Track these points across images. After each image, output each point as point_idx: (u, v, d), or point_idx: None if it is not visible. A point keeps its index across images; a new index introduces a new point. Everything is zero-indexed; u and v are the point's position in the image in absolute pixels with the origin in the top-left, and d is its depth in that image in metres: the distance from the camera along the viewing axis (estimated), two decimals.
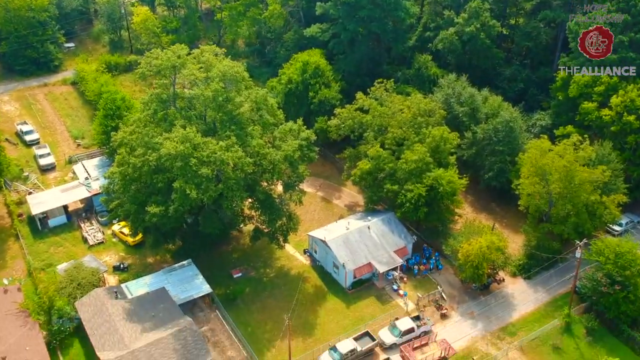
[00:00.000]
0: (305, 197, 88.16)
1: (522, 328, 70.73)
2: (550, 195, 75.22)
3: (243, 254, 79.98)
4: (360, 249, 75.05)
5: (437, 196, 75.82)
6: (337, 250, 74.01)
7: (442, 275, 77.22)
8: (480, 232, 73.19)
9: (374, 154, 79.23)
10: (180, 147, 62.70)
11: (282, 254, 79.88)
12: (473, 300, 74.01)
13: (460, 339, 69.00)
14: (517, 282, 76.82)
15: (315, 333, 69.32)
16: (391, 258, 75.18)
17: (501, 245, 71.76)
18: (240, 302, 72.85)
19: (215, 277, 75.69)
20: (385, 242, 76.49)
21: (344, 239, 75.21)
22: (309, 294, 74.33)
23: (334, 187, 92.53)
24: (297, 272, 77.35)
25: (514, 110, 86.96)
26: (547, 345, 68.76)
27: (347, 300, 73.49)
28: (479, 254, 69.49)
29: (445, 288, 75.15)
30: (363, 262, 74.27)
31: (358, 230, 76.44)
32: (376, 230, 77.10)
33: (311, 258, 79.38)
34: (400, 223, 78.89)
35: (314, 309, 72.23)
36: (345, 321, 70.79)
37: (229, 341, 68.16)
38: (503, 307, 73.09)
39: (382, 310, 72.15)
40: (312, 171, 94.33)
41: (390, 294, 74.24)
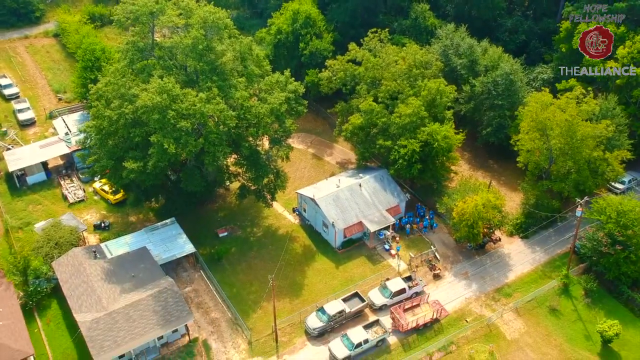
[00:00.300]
0: (296, 154, 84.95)
1: (518, 289, 68.09)
2: (550, 151, 71.66)
3: (230, 212, 76.88)
4: (351, 207, 71.88)
5: (431, 152, 72.23)
6: (326, 208, 70.84)
7: (436, 235, 74.28)
8: (476, 190, 69.89)
9: (366, 107, 75.31)
10: (157, 98, 58.82)
11: (270, 212, 76.79)
12: (467, 260, 71.22)
13: (454, 300, 66.42)
14: (514, 241, 73.92)
15: (303, 294, 66.72)
16: (383, 217, 72.08)
17: (498, 203, 68.52)
18: (226, 262, 70.07)
19: (200, 236, 72.81)
20: (377, 200, 73.27)
21: (334, 197, 71.96)
22: (297, 253, 71.51)
23: (326, 143, 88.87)
24: (286, 231, 74.39)
25: (515, 62, 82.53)
26: (544, 307, 66.22)
27: (337, 260, 70.71)
28: (474, 212, 66.32)
29: (438, 248, 72.31)
30: (354, 221, 71.20)
31: (349, 188, 73.12)
32: (368, 188, 73.79)
33: (300, 217, 76.32)
34: (393, 181, 75.54)
35: (302, 270, 69.50)
36: (334, 282, 68.13)
37: (213, 302, 65.62)
38: (498, 268, 70.35)
39: (373, 270, 69.42)
40: (303, 127, 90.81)
41: (382, 254, 71.42)
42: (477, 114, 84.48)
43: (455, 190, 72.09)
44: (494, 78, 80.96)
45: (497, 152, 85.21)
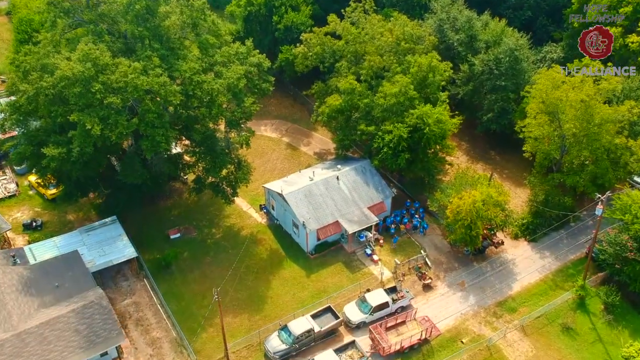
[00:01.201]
0: (267, 144, 73.92)
1: (525, 303, 56.69)
2: (563, 138, 60.30)
3: (185, 210, 65.52)
4: (327, 204, 60.47)
5: (422, 139, 60.78)
6: (296, 205, 59.46)
7: (427, 237, 62.84)
8: (474, 184, 58.45)
9: (346, 87, 63.91)
10: (78, 67, 47.50)
11: (233, 211, 65.43)
12: (464, 267, 59.80)
13: (447, 316, 55.09)
14: (520, 245, 62.50)
15: (265, 308, 55.37)
16: (364, 216, 60.68)
17: (500, 199, 57.07)
18: (176, 269, 58.72)
19: (148, 238, 61.56)
20: (357, 196, 61.86)
21: (306, 191, 60.56)
22: (261, 259, 60.13)
23: (303, 131, 77.50)
24: (250, 232, 63.03)
25: (520, 36, 71.16)
26: (556, 324, 54.84)
27: (308, 267, 59.35)
28: (472, 210, 54.93)
29: (430, 253, 60.93)
30: (329, 220, 59.80)
31: (324, 182, 61.72)
32: (347, 181, 62.38)
33: (268, 216, 64.96)
34: (377, 173, 64.14)
35: (266, 278, 58.13)
36: (304, 293, 56.75)
37: (156, 318, 54.27)
38: (501, 277, 58.94)
39: (351, 280, 58.04)
40: (279, 114, 79.74)
41: (362, 260, 60.01)
42: (476, 98, 73.18)
43: (450, 184, 60.66)
44: (496, 55, 69.65)
45: (499, 141, 73.87)
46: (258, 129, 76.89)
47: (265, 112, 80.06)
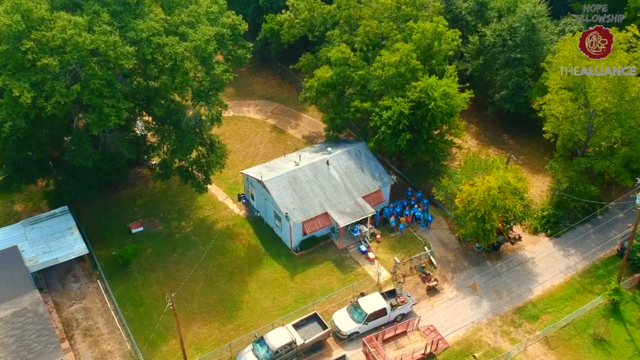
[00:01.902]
0: (250, 126, 65.17)
1: (548, 309, 47.83)
2: (590, 116, 51.49)
3: (151, 200, 56.60)
4: (314, 193, 51.58)
5: (426, 117, 51.82)
6: (278, 194, 50.58)
7: (432, 232, 53.93)
8: (488, 168, 49.50)
9: (338, 56, 55.00)
10: (3, 20, 38.53)
11: (206, 201, 56.54)
12: (476, 267, 50.94)
13: (456, 325, 46.23)
14: (539, 241, 53.60)
15: (239, 316, 46.52)
16: (358, 206, 51.78)
17: (520, 186, 48.17)
18: (136, 268, 49.87)
19: (106, 232, 52.79)
20: (350, 183, 52.95)
21: (290, 178, 51.67)
22: (236, 257, 51.27)
23: (292, 113, 68.54)
24: (225, 226, 54.14)
25: (538, 2, 62.16)
26: (586, 335, 45.99)
27: (292, 266, 50.49)
28: (486, 199, 46.03)
29: (435, 250, 52.06)
30: (317, 211, 50.91)
31: (311, 167, 52.82)
32: (338, 166, 53.46)
33: (247, 207, 56.07)
34: (374, 157, 55.21)
35: (242, 280, 49.28)
36: (286, 298, 47.90)
37: (109, 327, 45.43)
38: (519, 278, 50.07)
39: (342, 281, 49.19)
40: (264, 93, 70.88)
41: (356, 258, 51.12)
42: (487, 74, 64.18)
43: (460, 169, 51.73)
44: (510, 24, 60.73)
45: (513, 123, 64.94)
46: (240, 110, 68.24)
47: (249, 91, 71.34)
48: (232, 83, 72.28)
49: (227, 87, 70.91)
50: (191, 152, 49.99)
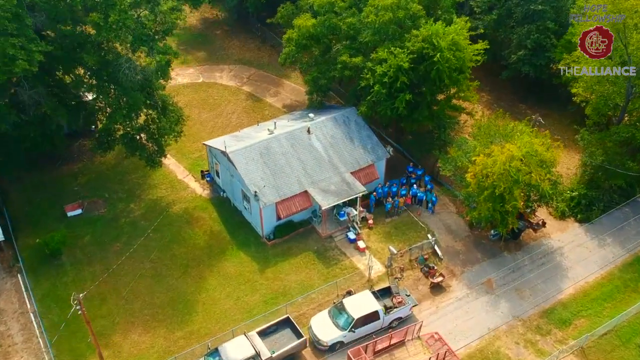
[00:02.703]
0: (223, 93, 55.58)
1: (582, 312, 38.03)
2: (629, 76, 41.47)
3: (96, 177, 46.69)
4: (291, 167, 41.67)
5: (430, 73, 41.77)
6: (246, 169, 40.69)
7: (437, 216, 44.05)
8: (509, 135, 39.49)
9: (322, 2, 44.92)
10: None
11: (163, 179, 46.68)
12: (491, 260, 41.10)
13: (468, 334, 36.44)
14: (568, 228, 43.76)
15: (191, 321, 36.72)
16: (346, 184, 41.87)
17: (548, 157, 38.17)
18: (68, 261, 40.10)
19: (37, 215, 42.91)
20: (336, 156, 43.03)
21: (262, 149, 41.75)
22: (195, 247, 41.41)
23: (271, 79, 58.52)
24: (183, 208, 44.29)
25: None
26: (632, 346, 36.23)
27: (263, 258, 40.65)
28: (507, 172, 36.09)
29: (441, 237, 42.22)
30: (294, 190, 41.02)
31: (289, 136, 42.88)
32: (322, 135, 43.54)
33: (212, 186, 46.18)
34: (366, 125, 45.23)
35: (199, 275, 39.45)
36: (253, 298, 38.10)
37: (25, 335, 35.66)
38: (545, 274, 40.25)
39: (325, 277, 39.37)
40: (241, 58, 61.18)
41: (343, 248, 41.28)
42: (502, 31, 54.19)
43: (472, 136, 41.74)
44: None
45: (532, 90, 55.01)
46: (211, 76, 58.29)
47: (223, 56, 61.37)
48: (204, 46, 62.93)
49: (197, 51, 61.52)
50: (136, 115, 40.12)
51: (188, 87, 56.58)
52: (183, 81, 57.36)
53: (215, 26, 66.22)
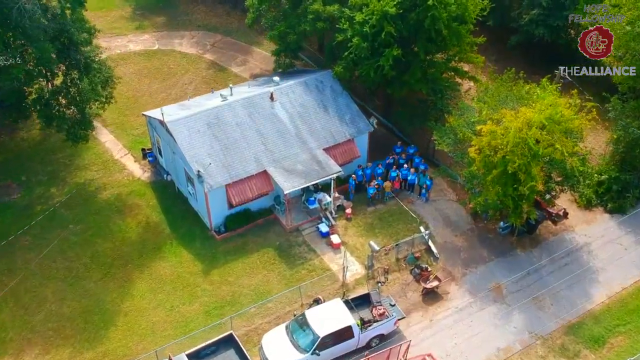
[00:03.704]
0: (180, 62, 47.70)
1: (620, 328, 29.29)
2: None
3: (15, 156, 37.97)
4: (248, 141, 32.96)
5: (423, 22, 32.92)
6: (188, 142, 31.98)
7: (432, 204, 35.26)
8: (524, 98, 30.68)
9: None
10: None
11: (96, 158, 38.00)
12: (501, 259, 32.36)
13: (471, 356, 27.61)
14: (596, 219, 35.00)
15: (110, 338, 28.01)
16: (317, 163, 33.12)
17: (577, 124, 29.30)
18: None
19: None
20: (306, 128, 34.27)
21: (211, 118, 33.03)
22: (125, 242, 32.71)
23: (239, 46, 49.79)
24: (115, 194, 35.56)
25: None
26: None
27: (210, 256, 31.96)
28: (523, 141, 27.29)
29: (436, 231, 33.45)
30: (250, 170, 32.27)
31: (246, 102, 34.14)
32: (289, 103, 34.79)
33: (155, 168, 37.42)
34: (344, 92, 36.41)
35: (127, 277, 30.75)
36: (192, 307, 29.38)
37: None
38: (570, 277, 31.53)
39: (287, 280, 30.66)
40: (206, 23, 52.83)
41: (313, 244, 32.56)
42: None
43: (476, 100, 32.89)
44: None
45: (547, 57, 45.96)
46: (169, 42, 49.68)
47: (185, 21, 52.70)
48: (165, 11, 54.22)
49: (157, 16, 52.97)
50: (50, 74, 31.42)
51: (140, 55, 47.95)
52: (135, 48, 48.73)
53: None
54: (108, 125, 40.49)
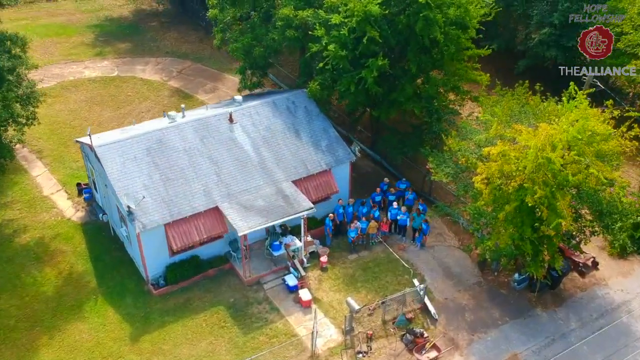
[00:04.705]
0: (140, 89, 42.14)
1: None
2: None
3: None
4: (197, 171, 26.38)
5: (414, 25, 26.82)
6: (119, 171, 25.44)
7: (428, 251, 28.31)
8: (544, 112, 24.22)
9: None
10: None
11: (22, 194, 31.39)
12: (517, 321, 25.19)
13: None
14: (634, 271, 28.06)
15: None
16: (283, 199, 26.40)
17: (611, 146, 22.63)
18: None
19: None
20: (272, 157, 27.76)
21: (151, 143, 26.57)
22: (38, 297, 25.70)
23: (210, 73, 43.98)
24: (37, 238, 28.74)
25: None
26: None
27: (143, 317, 24.90)
28: (545, 165, 20.61)
29: (434, 285, 26.39)
30: (197, 206, 25.52)
31: (198, 125, 27.77)
32: (252, 126, 28.41)
33: (90, 206, 30.67)
34: (321, 115, 30.00)
35: (31, 345, 23.60)
36: None
37: None
38: (608, 345, 24.25)
39: (240, 349, 23.47)
40: (176, 50, 48.38)
41: (277, 301, 25.48)
42: (518, 6, 40.02)
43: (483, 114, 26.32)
44: None
45: (560, 84, 39.82)
46: (131, 68, 44.03)
47: (152, 47, 47.29)
48: (132, 38, 48.92)
49: (121, 42, 47.61)
50: None
51: (95, 82, 42.08)
52: (91, 75, 42.94)
53: (151, 18, 52.56)
54: (44, 157, 34.14)
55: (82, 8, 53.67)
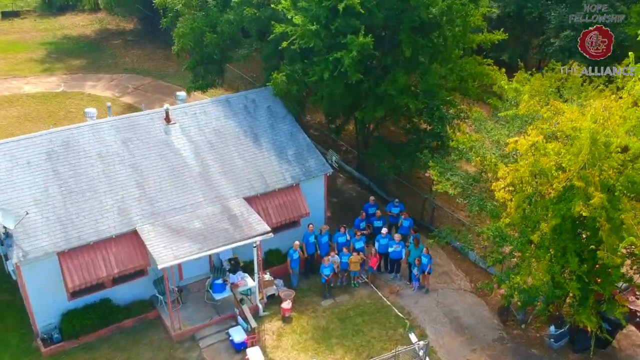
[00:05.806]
0: (85, 105, 35.44)
1: None
2: None
3: None
4: (112, 182, 19.38)
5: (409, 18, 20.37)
6: (6, 180, 18.31)
7: (430, 295, 20.85)
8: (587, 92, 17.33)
9: None
10: None
11: None
12: None
13: None
14: None
15: None
16: (229, 220, 19.18)
17: None
18: None
19: None
20: (217, 166, 20.77)
21: (53, 145, 19.67)
22: None
23: (171, 89, 37.53)
24: None
25: None
26: None
27: None
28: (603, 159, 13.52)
29: (438, 341, 18.80)
30: (107, 229, 18.28)
31: (121, 125, 20.93)
32: (195, 129, 21.53)
33: None
34: (289, 115, 23.12)
35: None
36: None
37: None
38: None
39: None
40: (137, 67, 42.73)
41: None
42: (532, 9, 34.22)
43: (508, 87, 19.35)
44: None
45: None
46: (80, 84, 38.08)
47: (110, 64, 41.39)
48: (88, 54, 43.06)
49: (74, 59, 41.81)
50: None
51: (35, 98, 35.79)
52: (32, 90, 36.68)
53: (115, 36, 46.94)
54: None
55: (39, 27, 48.26)
